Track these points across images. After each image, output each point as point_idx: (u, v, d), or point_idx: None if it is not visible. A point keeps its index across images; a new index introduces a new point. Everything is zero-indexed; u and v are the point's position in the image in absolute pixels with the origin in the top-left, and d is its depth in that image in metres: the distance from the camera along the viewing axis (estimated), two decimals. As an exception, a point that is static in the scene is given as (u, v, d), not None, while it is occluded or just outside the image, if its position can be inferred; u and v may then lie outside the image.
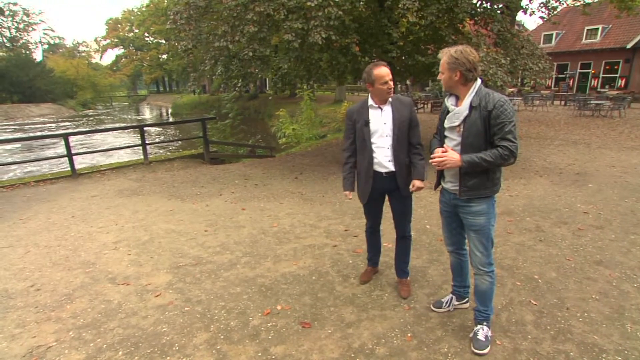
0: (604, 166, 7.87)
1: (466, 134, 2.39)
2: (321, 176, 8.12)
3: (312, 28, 6.51)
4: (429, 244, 4.32)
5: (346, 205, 5.83)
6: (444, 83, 2.46)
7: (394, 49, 7.97)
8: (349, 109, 3.11)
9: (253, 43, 7.14)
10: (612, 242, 4.26)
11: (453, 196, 2.63)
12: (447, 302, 3.10)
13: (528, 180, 6.98)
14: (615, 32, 25.54)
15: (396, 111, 2.94)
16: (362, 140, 3.00)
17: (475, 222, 2.55)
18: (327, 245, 4.40)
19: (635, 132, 12.08)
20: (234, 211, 5.76)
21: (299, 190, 6.96)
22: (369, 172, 3.01)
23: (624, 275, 3.55)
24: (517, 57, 8.09)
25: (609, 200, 5.68)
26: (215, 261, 4.10)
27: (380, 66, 2.84)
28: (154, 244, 4.62)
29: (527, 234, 4.55)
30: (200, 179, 8.07)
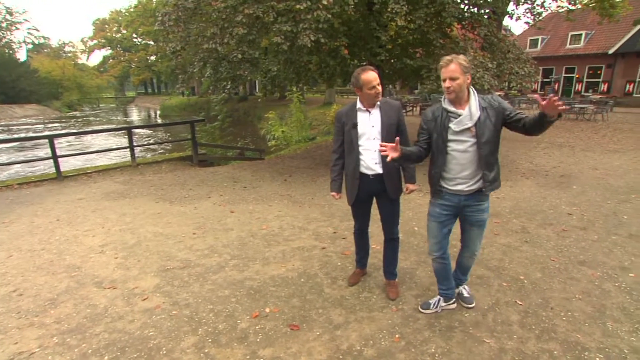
0: (588, 168, 8.03)
1: (481, 133, 2.51)
2: (310, 178, 8.12)
3: (301, 31, 6.52)
4: (417, 246, 4.35)
5: (335, 207, 5.84)
6: (457, 88, 2.51)
7: (382, 52, 8.04)
8: (339, 112, 3.13)
9: (242, 45, 7.14)
10: (594, 242, 4.35)
11: (464, 198, 2.69)
12: (434, 304, 3.13)
13: (515, 182, 7.08)
14: (598, 38, 26.11)
15: (384, 115, 2.96)
16: (349, 143, 3.02)
17: (481, 217, 2.77)
18: (315, 247, 4.41)
19: (617, 136, 12.35)
20: (222, 214, 5.73)
21: (288, 192, 6.95)
22: (356, 174, 3.03)
23: (605, 275, 3.63)
24: (504, 61, 8.23)
25: (592, 202, 5.79)
26: (204, 264, 4.07)
27: (368, 71, 2.86)
28: (141, 247, 4.57)
29: (513, 235, 4.62)
30: (189, 181, 8.01)
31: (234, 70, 7.79)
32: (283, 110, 22.82)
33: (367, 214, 3.30)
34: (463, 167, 2.61)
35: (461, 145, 2.58)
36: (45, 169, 13.12)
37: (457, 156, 2.60)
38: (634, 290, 3.35)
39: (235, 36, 6.86)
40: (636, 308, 3.10)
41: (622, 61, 24.64)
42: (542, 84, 29.28)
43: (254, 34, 7.13)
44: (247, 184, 7.74)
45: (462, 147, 2.58)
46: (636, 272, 3.67)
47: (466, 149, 2.57)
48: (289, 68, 9.20)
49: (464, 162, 2.60)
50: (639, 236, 4.50)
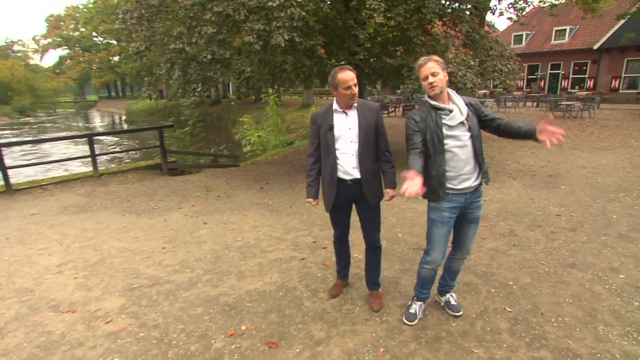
0: (576, 167, 8.28)
1: (472, 127, 2.69)
2: (288, 185, 8.12)
3: (275, 29, 6.54)
4: (401, 253, 4.39)
5: (314, 215, 5.85)
6: (441, 84, 2.68)
7: (361, 51, 8.12)
8: (314, 113, 3.14)
9: (212, 45, 7.10)
10: (584, 244, 4.47)
11: (470, 195, 2.78)
12: (418, 312, 3.17)
13: (502, 183, 7.23)
14: (582, 33, 27.05)
15: (362, 117, 2.98)
16: (326, 146, 3.03)
17: (480, 213, 2.91)
18: (294, 258, 4.40)
19: (604, 133, 12.78)
20: (194, 226, 5.66)
21: (265, 201, 6.93)
22: (333, 179, 3.04)
23: (595, 277, 3.73)
24: (487, 59, 8.43)
25: (580, 202, 5.97)
26: (174, 280, 4.00)
27: (345, 70, 2.88)
28: (104, 264, 4.47)
29: (501, 239, 4.71)
30: (158, 191, 7.90)
31: (204, 72, 7.74)
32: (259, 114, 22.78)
33: (346, 222, 3.31)
34: (465, 161, 2.70)
35: (458, 140, 2.68)
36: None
37: (458, 152, 2.68)
38: (624, 292, 3.45)
39: (204, 36, 6.83)
40: (627, 310, 3.20)
41: (607, 56, 25.58)
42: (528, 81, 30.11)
43: (224, 33, 7.11)
44: (221, 193, 7.68)
45: (460, 143, 2.68)
46: (626, 273, 3.79)
47: (464, 143, 2.68)
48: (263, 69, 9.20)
49: (465, 157, 2.69)
50: (628, 236, 4.65)
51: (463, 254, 3.06)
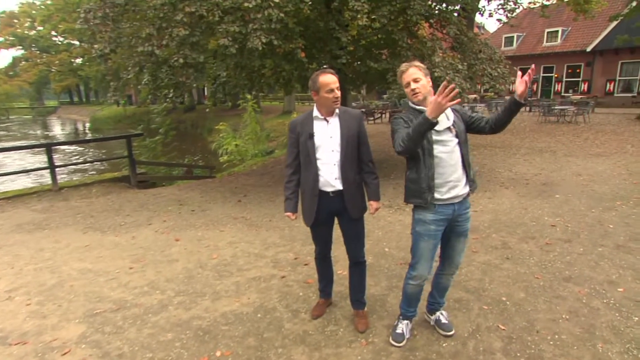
0: (571, 175, 8.46)
1: (458, 133, 2.76)
2: (268, 198, 8.10)
3: (251, 32, 6.57)
4: (388, 269, 4.40)
5: (296, 229, 5.83)
6: (424, 90, 2.74)
7: (343, 54, 8.20)
8: (293, 121, 3.15)
9: (184, 48, 7.08)
10: (580, 256, 4.55)
11: (457, 206, 2.81)
12: (406, 331, 3.18)
13: (493, 193, 7.34)
14: (575, 34, 27.87)
15: (344, 124, 3.00)
16: (306, 156, 3.03)
17: (467, 226, 2.94)
18: (274, 276, 4.37)
19: (600, 138, 13.12)
20: (165, 243, 5.59)
21: (243, 215, 6.90)
22: (314, 191, 3.04)
23: (593, 291, 3.79)
24: (475, 62, 8.59)
25: (576, 211, 6.09)
26: (142, 304, 3.93)
27: (327, 73, 2.93)
28: (63, 288, 4.35)
29: (493, 252, 4.76)
30: (125, 206, 7.78)
31: (175, 77, 7.70)
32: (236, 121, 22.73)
33: (328, 236, 3.31)
34: (453, 168, 2.74)
35: (445, 146, 2.73)
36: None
37: (445, 158, 2.72)
38: (623, 307, 3.51)
39: (176, 38, 6.81)
40: (626, 326, 3.25)
41: (600, 59, 26.37)
42: (520, 85, 30.76)
43: (197, 35, 7.10)
44: (196, 206, 7.61)
45: (447, 149, 2.73)
46: (624, 286, 3.86)
47: (452, 149, 2.73)
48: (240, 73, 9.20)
49: (452, 163, 2.74)
50: (625, 246, 4.75)
51: (452, 269, 3.09)
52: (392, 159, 11.38)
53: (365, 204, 3.16)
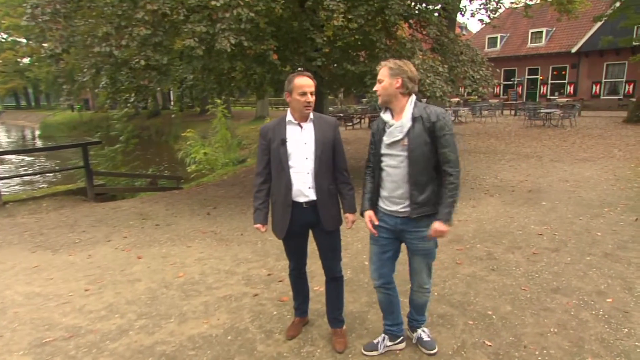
0: (557, 181, 8.70)
1: (412, 147, 2.71)
2: (239, 210, 8.06)
3: (219, 32, 6.55)
4: (368, 284, 4.41)
5: (269, 243, 5.82)
6: (382, 92, 2.79)
7: (318, 56, 8.26)
8: (264, 127, 3.16)
9: (146, 49, 7.00)
10: (568, 265, 4.67)
11: (400, 220, 2.84)
12: (379, 344, 3.23)
13: (478, 201, 7.48)
14: (560, 35, 28.81)
15: (319, 130, 3.04)
16: (278, 163, 3.04)
17: (424, 245, 2.88)
18: (246, 294, 4.35)
19: (587, 142, 13.54)
20: (126, 261, 5.50)
21: (212, 228, 6.86)
22: (287, 201, 3.05)
23: (581, 302, 3.89)
24: (457, 64, 8.79)
25: (563, 219, 6.25)
26: (99, 330, 3.83)
27: (303, 76, 2.98)
28: (6, 316, 4.19)
29: (478, 263, 4.84)
30: (81, 221, 7.62)
31: (137, 80, 7.62)
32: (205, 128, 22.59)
33: (303, 250, 3.31)
34: (397, 185, 2.81)
35: (393, 160, 2.79)
36: None
37: (391, 172, 2.81)
38: (612, 318, 3.61)
39: (137, 38, 6.73)
40: (616, 338, 3.34)
41: (586, 60, 27.31)
42: (505, 87, 31.55)
43: (160, 35, 7.03)
44: (160, 220, 7.53)
45: (394, 162, 2.79)
46: (613, 296, 3.98)
47: (398, 164, 2.77)
48: (208, 76, 9.16)
49: (396, 180, 2.80)
50: (614, 255, 4.90)
51: (417, 287, 3.15)
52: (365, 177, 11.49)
53: (340, 216, 3.18)
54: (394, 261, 3.05)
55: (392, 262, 3.04)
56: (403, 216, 2.84)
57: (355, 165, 11.41)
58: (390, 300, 3.13)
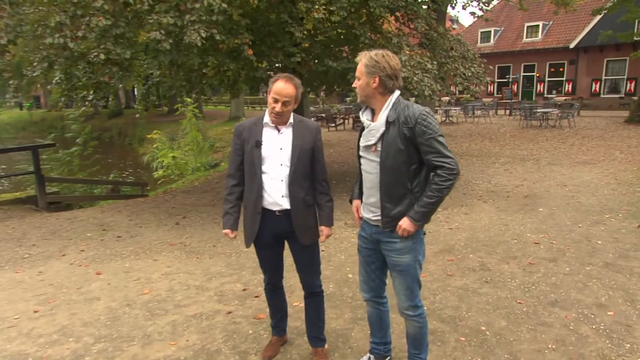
0: (555, 186, 8.86)
1: (384, 155, 2.64)
2: (212, 219, 8.02)
3: (188, 24, 6.54)
4: (352, 298, 4.43)
5: (245, 255, 5.80)
6: (360, 91, 2.73)
7: (298, 51, 8.29)
8: (239, 125, 3.15)
9: (106, 41, 6.93)
10: (566, 276, 4.75)
11: (375, 229, 2.83)
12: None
13: (470, 207, 7.57)
14: (557, 29, 29.42)
15: (298, 136, 3.04)
16: (250, 166, 3.04)
17: (399, 260, 2.78)
18: (218, 312, 4.31)
19: (586, 144, 13.83)
20: (83, 278, 5.41)
21: (181, 240, 6.81)
22: (257, 208, 3.05)
23: (581, 315, 3.96)
24: (447, 61, 8.92)
25: (561, 227, 6.37)
26: (49, 356, 3.75)
27: (286, 81, 2.90)
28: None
29: (470, 274, 4.89)
30: (31, 234, 7.48)
31: (96, 75, 7.54)
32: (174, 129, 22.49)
33: (277, 262, 3.31)
34: (370, 192, 2.81)
35: (368, 165, 2.78)
36: None
37: (365, 178, 2.83)
38: (613, 333, 3.68)
39: (95, 29, 6.66)
40: (618, 355, 3.39)
41: (585, 56, 27.93)
42: (499, 85, 32.05)
43: (122, 26, 6.97)
44: (123, 232, 7.46)
45: (369, 168, 2.78)
46: (615, 309, 4.06)
47: (372, 170, 2.76)
48: (176, 73, 9.13)
49: (370, 186, 2.80)
50: (615, 265, 5.00)
51: (400, 310, 2.94)
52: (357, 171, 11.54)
53: (316, 229, 3.19)
54: (383, 273, 3.01)
55: (381, 273, 3.00)
56: (376, 225, 2.83)
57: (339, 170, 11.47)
58: (380, 315, 3.11)
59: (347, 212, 7.29)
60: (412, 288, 2.82)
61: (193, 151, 18.44)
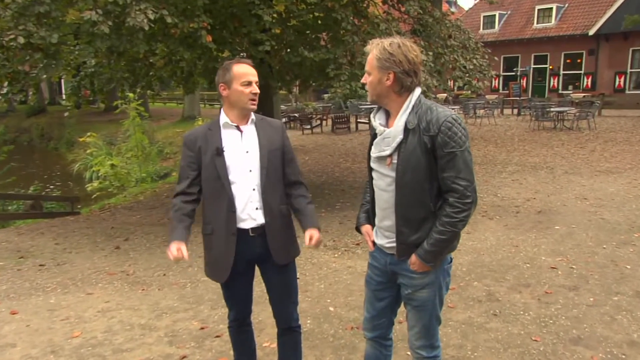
0: (574, 199, 9.01)
1: (401, 169, 2.53)
2: (161, 241, 7.95)
3: (132, 3, 6.51)
4: (334, 336, 4.43)
5: (203, 286, 5.76)
6: (371, 89, 2.63)
7: (267, 38, 8.30)
8: (189, 134, 3.12)
9: (26, 21, 6.81)
10: (590, 308, 4.80)
11: (391, 259, 2.75)
12: None
13: (473, 225, 7.63)
14: (573, 13, 29.99)
15: (263, 135, 3.05)
16: (214, 180, 3.01)
17: (416, 295, 2.73)
18: (170, 357, 4.26)
19: (610, 149, 14.11)
20: (-5, 318, 5.29)
21: (123, 268, 6.75)
22: (230, 229, 3.00)
23: (609, 356, 3.98)
24: (444, 51, 9.01)
25: (582, 248, 6.47)
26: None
27: (242, 62, 3.00)
28: None
29: (475, 306, 4.91)
30: None
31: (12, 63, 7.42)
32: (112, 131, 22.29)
33: (247, 295, 3.28)
34: (384, 213, 2.72)
35: (382, 180, 2.69)
36: None
37: (379, 196, 2.73)
38: (649, 377, 3.75)
39: (12, 6, 6.57)
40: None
41: (606, 45, 28.47)
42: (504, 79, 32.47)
43: (46, 3, 6.87)
44: (47, 259, 7.36)
45: (382, 184, 2.69)
46: (648, 346, 4.12)
47: (386, 187, 2.66)
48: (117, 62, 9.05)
49: (384, 207, 2.70)
50: (647, 293, 5.09)
51: (412, 350, 2.94)
52: (338, 182, 11.53)
53: (294, 245, 3.20)
54: (393, 310, 2.94)
55: (390, 311, 2.93)
56: (392, 252, 2.74)
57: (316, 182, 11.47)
58: (377, 356, 3.07)
59: (327, 232, 7.31)
60: (430, 326, 2.78)
61: (137, 158, 18.29)
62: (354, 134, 21.15)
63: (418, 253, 2.55)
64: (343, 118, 21.65)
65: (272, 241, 3.05)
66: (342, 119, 21.53)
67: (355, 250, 6.72)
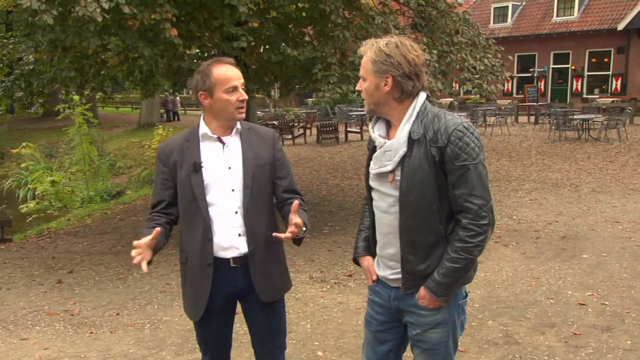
0: (604, 222, 9.05)
1: (406, 187, 2.51)
2: (114, 274, 7.89)
3: (82, -11, 6.52)
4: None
5: (164, 326, 5.72)
6: (367, 97, 2.62)
7: (242, 33, 8.32)
8: (164, 146, 3.11)
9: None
10: (627, 353, 4.78)
11: (396, 293, 2.72)
12: None
13: (486, 254, 7.62)
14: (599, 4, 30.30)
15: (249, 147, 3.03)
16: (189, 201, 2.99)
17: (427, 337, 2.69)
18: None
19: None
20: None
21: (66, 307, 6.69)
22: (206, 258, 2.98)
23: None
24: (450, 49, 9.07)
25: (616, 281, 6.48)
26: None
27: (224, 63, 2.95)
28: None
29: (492, 350, 4.90)
30: None
31: None
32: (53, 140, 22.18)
33: (226, 336, 3.27)
34: (387, 239, 2.70)
35: (382, 200, 2.68)
36: None
37: (380, 219, 2.72)
38: None
39: None
40: None
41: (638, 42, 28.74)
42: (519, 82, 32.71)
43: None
44: (-28, 295, 7.28)
45: (383, 205, 2.67)
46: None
47: (387, 208, 2.65)
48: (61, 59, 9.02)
49: (386, 231, 2.69)
50: (692, 334, 5.12)
51: None
52: (326, 202, 11.51)
53: (285, 279, 3.20)
54: (398, 355, 2.91)
55: (395, 356, 2.90)
56: (396, 285, 2.71)
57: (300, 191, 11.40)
58: None
59: (313, 261, 7.27)
60: None
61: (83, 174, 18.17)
62: (343, 145, 21.22)
63: (428, 285, 2.52)
64: (330, 127, 21.73)
65: (255, 274, 3.02)
66: (329, 128, 21.62)
67: (346, 282, 6.67)
